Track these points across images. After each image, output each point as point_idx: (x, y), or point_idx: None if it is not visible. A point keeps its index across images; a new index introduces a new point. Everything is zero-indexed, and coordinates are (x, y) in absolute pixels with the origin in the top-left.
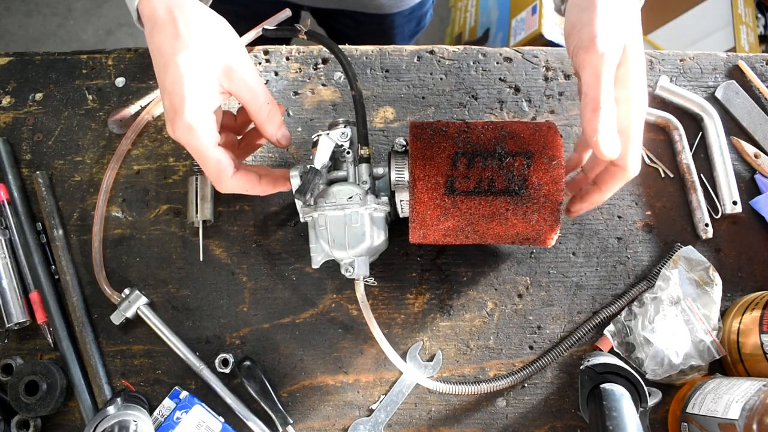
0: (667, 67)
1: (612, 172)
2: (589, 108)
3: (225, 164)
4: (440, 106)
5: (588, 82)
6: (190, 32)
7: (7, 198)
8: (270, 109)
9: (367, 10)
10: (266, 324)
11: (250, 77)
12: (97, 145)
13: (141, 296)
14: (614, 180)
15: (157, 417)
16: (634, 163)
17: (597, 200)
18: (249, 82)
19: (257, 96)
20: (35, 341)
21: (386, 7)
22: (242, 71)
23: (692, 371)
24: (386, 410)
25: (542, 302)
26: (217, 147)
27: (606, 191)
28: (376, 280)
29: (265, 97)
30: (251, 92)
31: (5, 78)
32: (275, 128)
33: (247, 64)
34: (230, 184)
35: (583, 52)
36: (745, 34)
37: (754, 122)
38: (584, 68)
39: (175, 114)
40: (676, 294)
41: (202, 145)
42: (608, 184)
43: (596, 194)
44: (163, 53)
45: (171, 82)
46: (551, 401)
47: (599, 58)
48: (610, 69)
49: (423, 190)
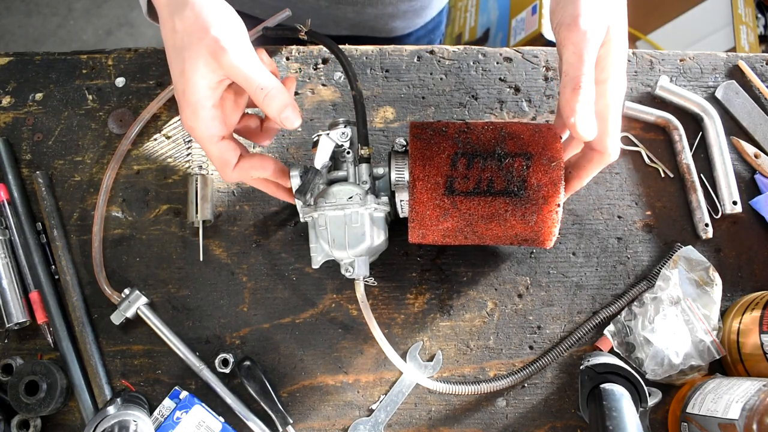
0: (667, 67)
1: (590, 156)
2: (569, 87)
3: (227, 157)
4: (440, 106)
5: (569, 61)
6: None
7: (7, 198)
8: (267, 93)
9: (379, 35)
10: (266, 324)
11: (242, 61)
12: (97, 145)
13: (141, 296)
14: (592, 165)
15: (157, 417)
16: (614, 146)
17: (576, 186)
18: (240, 66)
19: (250, 81)
20: (35, 341)
21: (398, 29)
22: (233, 54)
23: (692, 371)
24: (386, 410)
25: (542, 302)
26: (218, 142)
27: (584, 177)
28: (376, 280)
29: (259, 81)
30: (243, 77)
31: (5, 78)
32: (275, 111)
33: (240, 46)
34: (232, 176)
35: (566, 30)
36: (745, 34)
37: (754, 122)
38: (566, 46)
39: (180, 107)
40: (676, 294)
41: (201, 138)
42: (586, 169)
43: (575, 180)
44: (167, 45)
45: (175, 76)
46: (551, 401)
47: (581, 37)
48: (592, 48)
49: (423, 190)
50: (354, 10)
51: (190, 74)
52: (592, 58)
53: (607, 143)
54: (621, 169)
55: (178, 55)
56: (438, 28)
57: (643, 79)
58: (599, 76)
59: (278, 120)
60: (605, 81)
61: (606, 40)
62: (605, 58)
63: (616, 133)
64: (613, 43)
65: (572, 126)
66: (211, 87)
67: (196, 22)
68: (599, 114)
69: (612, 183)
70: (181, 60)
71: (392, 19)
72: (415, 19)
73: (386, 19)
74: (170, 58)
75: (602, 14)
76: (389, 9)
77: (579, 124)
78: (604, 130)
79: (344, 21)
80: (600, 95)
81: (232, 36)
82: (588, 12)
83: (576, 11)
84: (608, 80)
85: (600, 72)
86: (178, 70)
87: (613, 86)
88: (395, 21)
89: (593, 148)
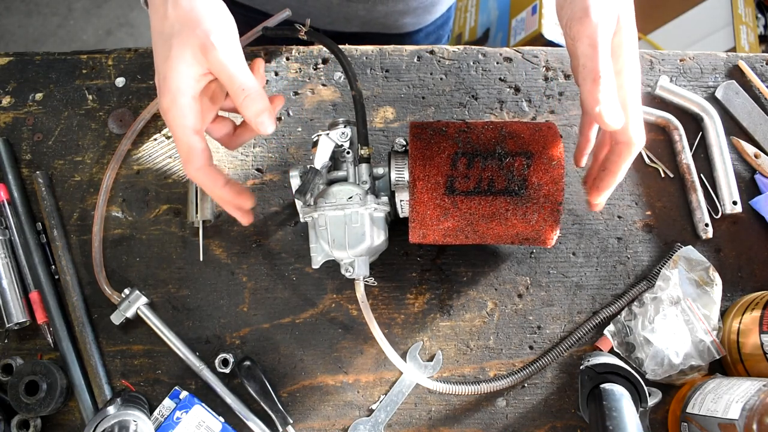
0: (667, 67)
1: (618, 150)
2: (589, 79)
3: (195, 152)
4: (440, 106)
5: (585, 54)
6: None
7: (7, 198)
8: (247, 95)
9: (390, 31)
10: (266, 324)
11: (229, 59)
12: (97, 145)
13: (141, 296)
14: (622, 158)
15: (157, 417)
16: (638, 134)
17: (611, 183)
18: (226, 65)
19: (233, 80)
20: (35, 341)
21: (408, 25)
22: (221, 52)
23: (692, 371)
24: (386, 410)
25: (542, 302)
26: (191, 135)
27: (617, 172)
28: (376, 280)
29: (242, 83)
30: (228, 75)
31: (5, 78)
32: (251, 114)
33: (229, 45)
34: (193, 173)
35: (578, 24)
36: (745, 34)
37: (754, 122)
38: (580, 39)
39: (159, 92)
40: (676, 294)
41: (175, 126)
42: (617, 164)
43: (609, 178)
44: (155, 31)
45: (159, 62)
46: (551, 401)
47: (594, 28)
48: (606, 38)
49: (423, 190)
50: (365, 7)
51: (174, 62)
52: (606, 49)
53: (630, 132)
54: None
55: (165, 42)
56: (447, 24)
57: (643, 79)
58: (615, 66)
59: (253, 123)
60: (621, 71)
61: (617, 29)
62: (619, 48)
63: (639, 122)
64: (624, 32)
65: (598, 116)
66: (194, 78)
67: (189, 12)
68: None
69: None
70: (167, 47)
71: (403, 15)
72: (425, 15)
73: (396, 15)
74: (156, 44)
75: (611, 4)
76: (400, 6)
77: (605, 114)
78: (626, 120)
79: (355, 18)
80: (618, 86)
81: (222, 33)
82: (598, 3)
83: (585, 4)
84: (624, 70)
85: (615, 62)
86: (162, 56)
87: (629, 75)
88: (405, 17)
89: (618, 140)
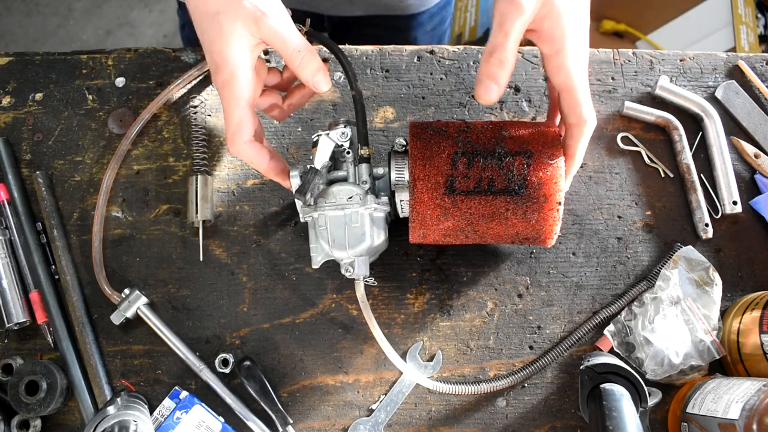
0: (667, 67)
1: (571, 132)
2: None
3: (245, 127)
4: (440, 106)
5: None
6: None
7: (7, 198)
8: (303, 56)
9: (394, 12)
10: (266, 324)
11: (280, 25)
12: (97, 145)
13: (141, 296)
14: (575, 139)
15: (157, 417)
16: (588, 113)
17: (572, 168)
18: (278, 30)
19: (287, 44)
20: (35, 341)
21: (413, 6)
22: (272, 19)
23: (692, 371)
24: (386, 410)
25: (542, 302)
26: (246, 107)
27: (575, 155)
28: (376, 280)
29: (296, 44)
30: (281, 40)
31: (5, 78)
32: (309, 74)
33: (277, 12)
34: (241, 147)
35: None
36: (745, 34)
37: (754, 122)
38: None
39: (215, 69)
40: (676, 294)
41: (232, 99)
42: (573, 147)
43: (569, 161)
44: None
45: (210, 40)
46: (551, 401)
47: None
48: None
49: (423, 190)
50: None
51: (228, 36)
52: (512, 28)
53: (580, 112)
54: (621, 169)
55: (213, 19)
56: (450, 4)
57: (643, 79)
58: (551, 47)
59: (311, 82)
60: (559, 51)
61: (546, 12)
62: (553, 29)
63: (587, 101)
64: (557, 13)
65: (475, 91)
66: (248, 49)
67: None
68: (562, 85)
69: (612, 183)
70: (217, 23)
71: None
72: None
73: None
74: (201, 23)
75: None
76: None
77: (476, 89)
78: (573, 100)
79: (358, 0)
80: (558, 66)
81: (269, 1)
82: None
83: None
84: (561, 50)
85: (551, 43)
86: (213, 32)
87: (569, 55)
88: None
89: (570, 123)
